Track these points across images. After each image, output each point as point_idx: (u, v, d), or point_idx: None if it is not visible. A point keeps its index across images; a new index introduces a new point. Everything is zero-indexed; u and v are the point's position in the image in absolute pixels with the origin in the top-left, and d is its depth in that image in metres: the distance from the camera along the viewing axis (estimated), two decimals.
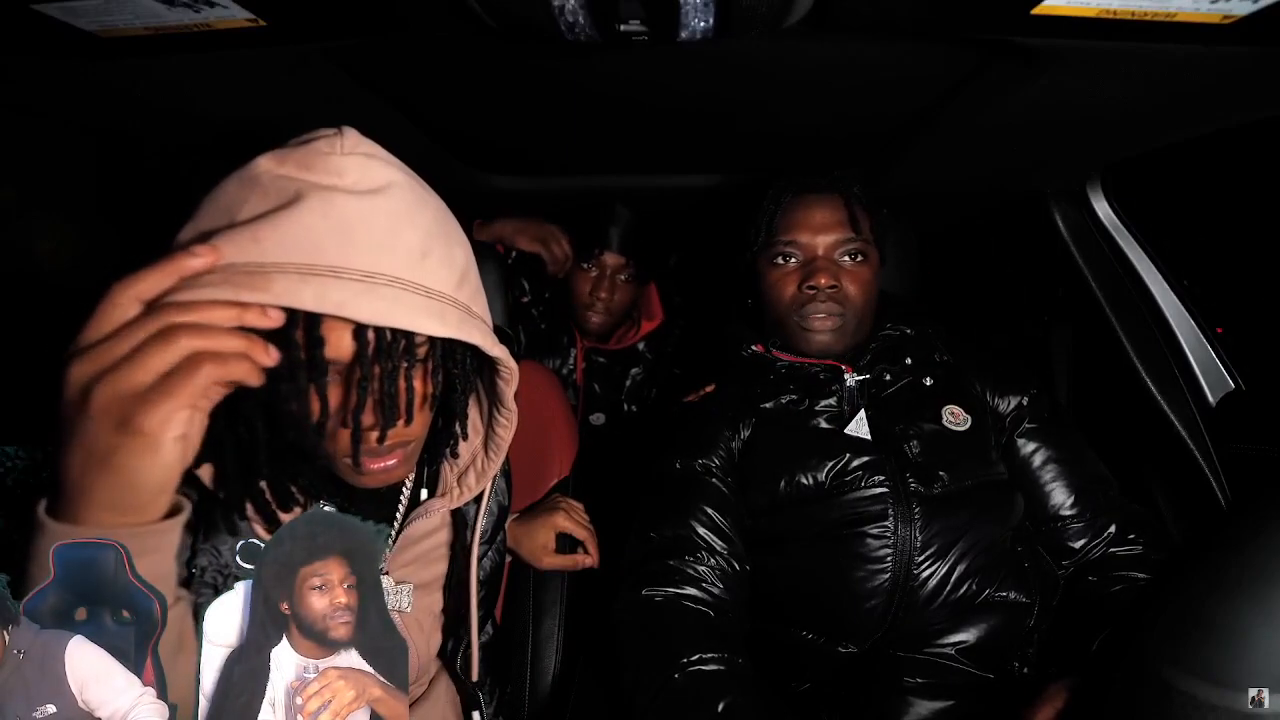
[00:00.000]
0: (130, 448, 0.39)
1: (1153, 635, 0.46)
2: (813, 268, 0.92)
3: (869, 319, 0.97)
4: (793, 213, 0.95)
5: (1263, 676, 0.39)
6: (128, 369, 0.39)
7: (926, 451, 0.89)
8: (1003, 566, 0.84)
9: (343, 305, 0.45)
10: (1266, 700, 0.39)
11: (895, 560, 0.83)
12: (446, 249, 0.53)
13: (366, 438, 0.50)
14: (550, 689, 0.95)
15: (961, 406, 0.93)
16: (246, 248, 0.45)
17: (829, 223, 0.93)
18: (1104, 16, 0.49)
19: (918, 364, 0.97)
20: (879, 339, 0.98)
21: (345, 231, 0.47)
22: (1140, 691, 0.47)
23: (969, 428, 0.91)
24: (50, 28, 0.51)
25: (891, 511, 0.84)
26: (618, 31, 0.52)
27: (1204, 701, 0.41)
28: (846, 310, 0.93)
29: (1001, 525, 0.86)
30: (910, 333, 0.99)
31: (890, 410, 0.93)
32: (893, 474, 0.87)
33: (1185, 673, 0.42)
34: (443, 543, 0.70)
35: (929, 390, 0.95)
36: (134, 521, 0.42)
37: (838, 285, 0.92)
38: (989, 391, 0.97)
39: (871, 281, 0.95)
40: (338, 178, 0.48)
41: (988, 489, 0.89)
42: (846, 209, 0.93)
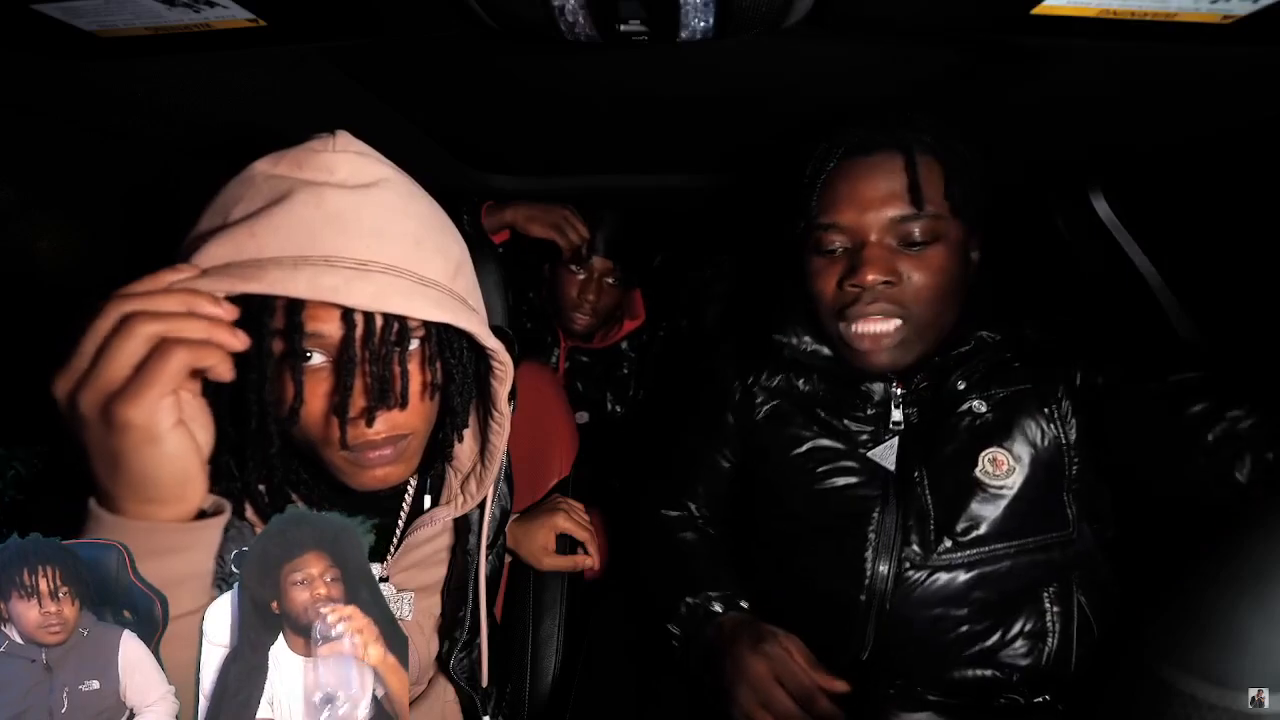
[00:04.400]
0: (129, 443, 0.39)
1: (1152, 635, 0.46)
2: (860, 258, 0.72)
3: (949, 316, 0.75)
4: (836, 184, 0.74)
5: (1262, 676, 0.39)
6: (100, 368, 0.39)
7: (941, 507, 0.73)
8: (1017, 621, 0.72)
9: (335, 291, 0.45)
10: (1266, 700, 0.39)
11: (869, 598, 0.74)
12: (441, 241, 0.53)
13: (356, 423, 0.50)
14: (550, 689, 0.95)
15: (1012, 452, 0.72)
16: (244, 245, 0.45)
17: (880, 195, 0.71)
18: (1104, 16, 0.49)
19: (981, 382, 0.76)
20: (974, 342, 0.75)
21: (338, 222, 0.47)
22: (1140, 691, 0.47)
23: (1014, 480, 0.72)
24: (50, 28, 0.51)
25: (869, 570, 0.73)
26: (618, 32, 0.52)
27: (1204, 701, 0.41)
28: (910, 312, 0.72)
29: (1030, 591, 0.72)
30: (999, 338, 0.77)
31: (926, 442, 0.76)
32: (885, 526, 0.74)
33: (1185, 672, 0.42)
34: (443, 547, 0.70)
35: (978, 421, 0.74)
36: (172, 514, 0.43)
37: (895, 279, 0.71)
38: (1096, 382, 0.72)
39: (947, 270, 0.72)
40: (329, 174, 0.48)
41: (1028, 555, 0.71)
42: (907, 173, 0.70)
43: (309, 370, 0.49)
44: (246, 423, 0.48)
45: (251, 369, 0.46)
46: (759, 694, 0.72)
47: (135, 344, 0.39)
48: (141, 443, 0.40)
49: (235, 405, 0.47)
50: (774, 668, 0.73)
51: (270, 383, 0.47)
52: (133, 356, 0.39)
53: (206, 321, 0.42)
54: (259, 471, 0.50)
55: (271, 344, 0.46)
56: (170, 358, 0.40)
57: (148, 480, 0.41)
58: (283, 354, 0.48)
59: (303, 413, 0.49)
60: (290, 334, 0.46)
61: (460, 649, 0.69)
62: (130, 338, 0.39)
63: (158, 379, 0.39)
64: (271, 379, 0.47)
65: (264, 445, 0.48)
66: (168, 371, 0.39)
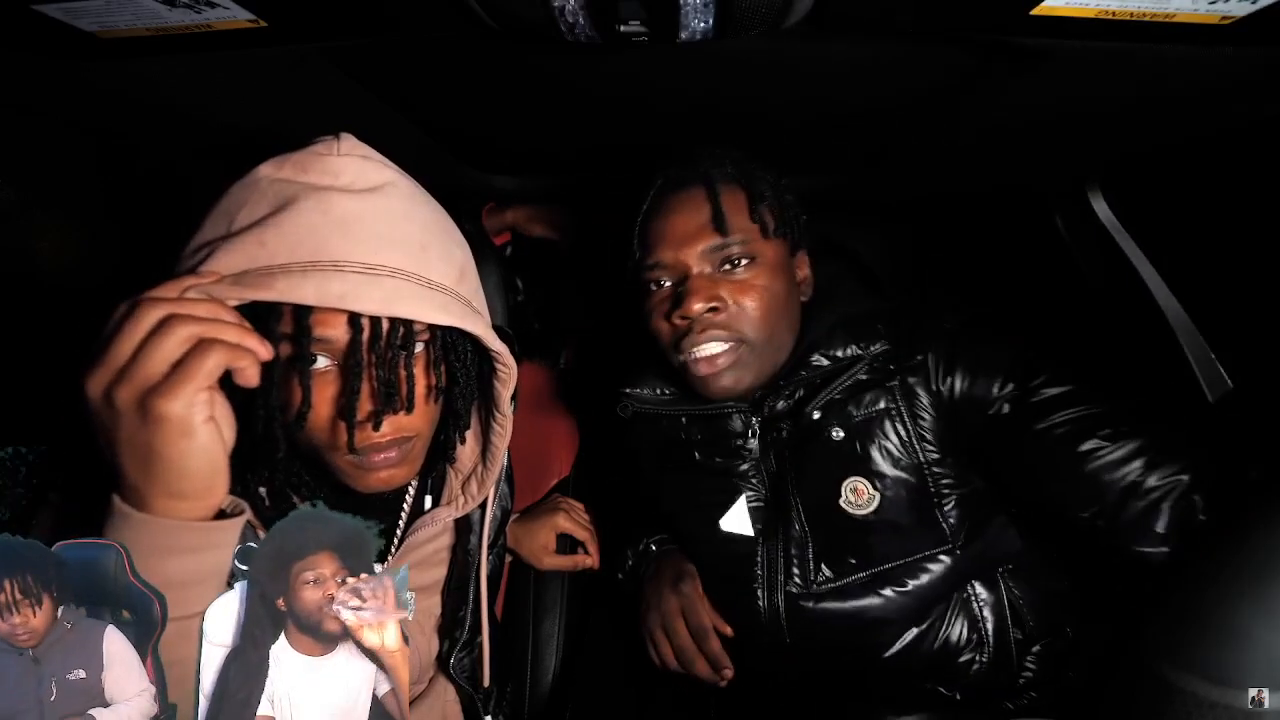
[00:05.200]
0: (165, 435, 0.40)
1: (1153, 634, 0.47)
2: (683, 290, 0.72)
3: (785, 333, 0.76)
4: (653, 224, 0.75)
5: (1263, 675, 0.39)
6: (139, 364, 0.40)
7: (818, 536, 0.75)
8: (946, 629, 0.75)
9: (344, 297, 0.45)
10: (1267, 699, 0.39)
11: (771, 633, 0.77)
12: (445, 245, 0.53)
13: (363, 427, 0.50)
14: (550, 689, 0.95)
15: (871, 479, 0.73)
16: (255, 253, 0.46)
17: (692, 229, 0.72)
18: (1103, 17, 0.49)
19: (837, 407, 0.75)
20: (810, 369, 0.75)
21: (345, 227, 0.47)
22: (1140, 690, 0.47)
23: (877, 506, 0.72)
24: (51, 28, 0.51)
25: (762, 604, 0.77)
26: (618, 32, 0.52)
27: (1204, 700, 0.41)
28: (744, 334, 0.73)
29: (947, 599, 0.75)
30: (840, 356, 0.76)
31: (795, 472, 0.77)
32: (769, 560, 0.77)
33: (1185, 671, 0.42)
34: (444, 546, 0.70)
35: (837, 448, 0.74)
36: (198, 511, 0.43)
37: (720, 305, 0.72)
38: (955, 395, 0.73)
39: (771, 286, 0.73)
40: (333, 178, 0.48)
41: (921, 570, 0.73)
42: (711, 203, 0.73)
43: (315, 374, 0.49)
44: (253, 427, 0.48)
45: (260, 373, 0.46)
46: (665, 621, 0.83)
47: (174, 343, 0.41)
48: (177, 435, 0.40)
49: (242, 409, 0.47)
50: (683, 603, 0.83)
51: (277, 387, 0.47)
52: (172, 355, 0.41)
53: (238, 328, 0.43)
54: (262, 475, 0.51)
55: (278, 349, 0.47)
56: (209, 355, 0.41)
57: (180, 472, 0.41)
58: (290, 358, 0.48)
59: (309, 417, 0.49)
60: (298, 339, 0.47)
61: (461, 648, 0.69)
62: (170, 337, 0.41)
63: (195, 375, 0.40)
64: (279, 383, 0.47)
65: (270, 449, 0.49)
66: (205, 368, 0.41)
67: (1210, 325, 1.00)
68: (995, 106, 0.74)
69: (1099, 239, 1.07)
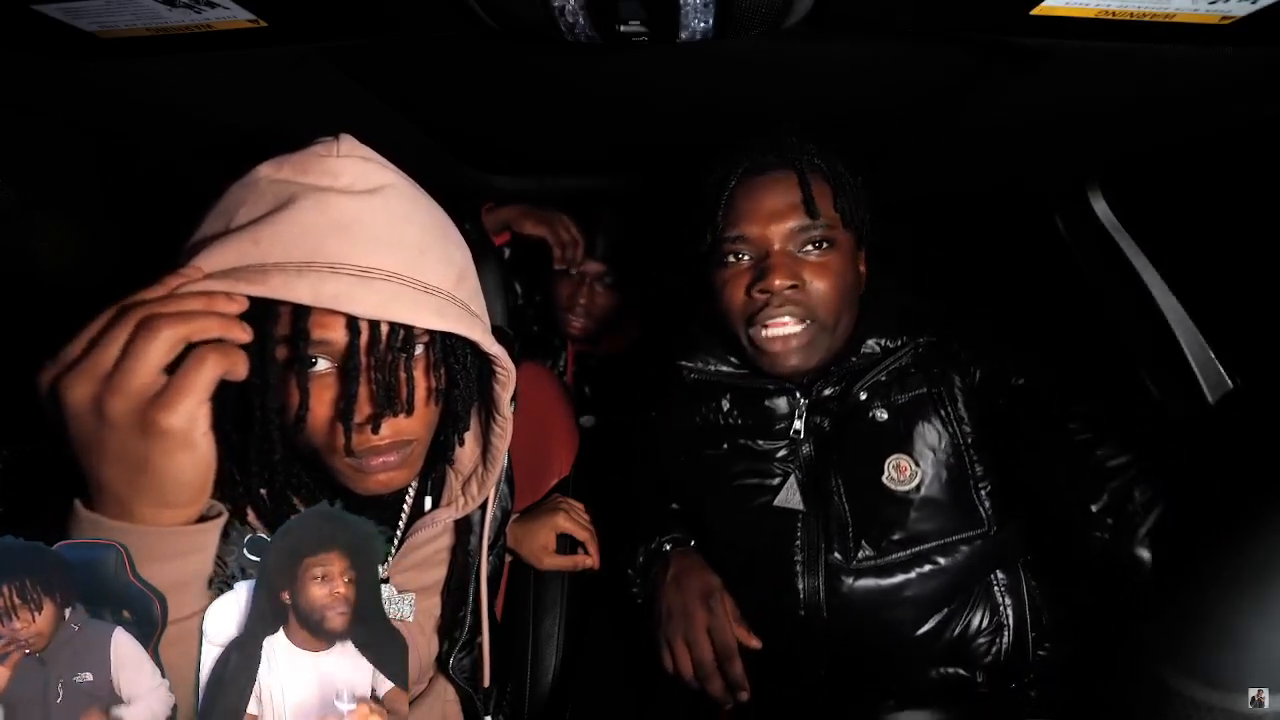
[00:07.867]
0: (164, 448, 0.40)
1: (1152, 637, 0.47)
2: (766, 265, 0.76)
3: (847, 320, 0.80)
4: (738, 200, 0.79)
5: (1262, 677, 0.39)
6: (128, 373, 0.39)
7: (858, 514, 0.77)
8: (969, 615, 0.77)
9: (338, 299, 0.45)
10: (1266, 700, 0.39)
11: (807, 612, 0.78)
12: (444, 248, 0.53)
13: (362, 430, 0.50)
14: (550, 689, 0.95)
15: (914, 457, 0.77)
16: (247, 251, 0.45)
17: (780, 208, 0.76)
18: (1103, 17, 0.49)
19: (882, 390, 0.80)
20: (861, 357, 0.81)
21: (342, 228, 0.47)
22: (1140, 693, 0.47)
23: (919, 483, 0.76)
24: (51, 28, 0.51)
25: (801, 584, 0.78)
26: (618, 32, 0.52)
27: (1203, 702, 0.41)
28: (815, 315, 0.77)
29: (973, 585, 0.77)
30: (890, 345, 0.81)
31: (837, 451, 0.80)
32: (809, 539, 0.78)
33: (1185, 674, 0.42)
34: (444, 547, 0.70)
35: (881, 428, 0.78)
36: (181, 518, 0.43)
37: (799, 284, 0.76)
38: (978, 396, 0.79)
39: (845, 273, 0.78)
40: (333, 179, 0.48)
41: (955, 552, 0.76)
42: (801, 188, 0.76)
43: (314, 376, 0.49)
44: (251, 428, 0.48)
45: (256, 375, 0.46)
46: (689, 634, 0.80)
47: (159, 346, 0.39)
48: (176, 448, 0.40)
49: (240, 411, 0.47)
50: (712, 621, 0.81)
51: (275, 389, 0.47)
52: (158, 359, 0.40)
53: (219, 319, 0.42)
54: (262, 477, 0.50)
55: (276, 350, 0.46)
56: (206, 365, 0.40)
57: (174, 484, 0.41)
58: (288, 360, 0.48)
59: (307, 419, 0.49)
60: (296, 340, 0.46)
61: (461, 649, 0.69)
62: (154, 340, 0.39)
63: (195, 386, 0.40)
64: (276, 385, 0.47)
65: (268, 451, 0.48)
66: (204, 379, 0.40)
67: (1210, 325, 1.00)
68: (995, 106, 0.74)
69: (1099, 239, 1.07)
